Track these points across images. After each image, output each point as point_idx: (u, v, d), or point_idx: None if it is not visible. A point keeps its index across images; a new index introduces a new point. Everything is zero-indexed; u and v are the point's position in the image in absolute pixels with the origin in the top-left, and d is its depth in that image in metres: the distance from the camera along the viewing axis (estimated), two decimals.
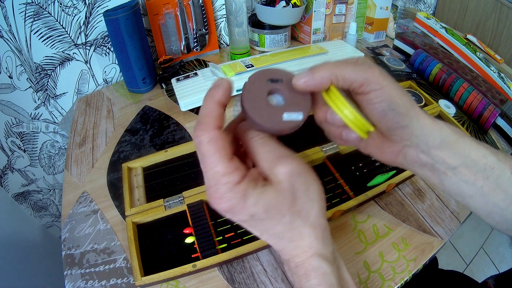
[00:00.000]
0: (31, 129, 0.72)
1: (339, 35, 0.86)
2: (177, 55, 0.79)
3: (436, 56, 0.70)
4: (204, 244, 0.40)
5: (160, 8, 0.71)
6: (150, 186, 0.49)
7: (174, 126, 0.61)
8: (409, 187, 0.49)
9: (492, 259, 1.29)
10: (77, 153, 0.57)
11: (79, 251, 0.42)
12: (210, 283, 0.38)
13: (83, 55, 0.70)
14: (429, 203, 0.47)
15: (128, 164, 0.51)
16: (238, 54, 0.77)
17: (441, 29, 0.79)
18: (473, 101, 0.61)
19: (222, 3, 0.80)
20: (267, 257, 0.41)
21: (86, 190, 0.50)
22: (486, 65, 0.70)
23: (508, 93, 0.65)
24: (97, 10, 0.66)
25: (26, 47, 0.62)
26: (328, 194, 0.46)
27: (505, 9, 1.02)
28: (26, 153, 0.75)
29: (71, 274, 0.40)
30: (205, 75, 0.66)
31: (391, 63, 0.71)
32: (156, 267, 0.38)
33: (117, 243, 0.43)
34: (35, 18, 0.61)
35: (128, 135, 0.59)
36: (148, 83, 0.70)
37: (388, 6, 0.84)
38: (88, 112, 0.67)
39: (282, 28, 0.80)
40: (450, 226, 0.44)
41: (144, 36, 0.67)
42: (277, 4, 0.76)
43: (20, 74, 0.64)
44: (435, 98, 0.65)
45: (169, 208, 0.44)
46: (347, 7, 0.82)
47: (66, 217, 0.46)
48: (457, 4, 1.18)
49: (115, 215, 0.46)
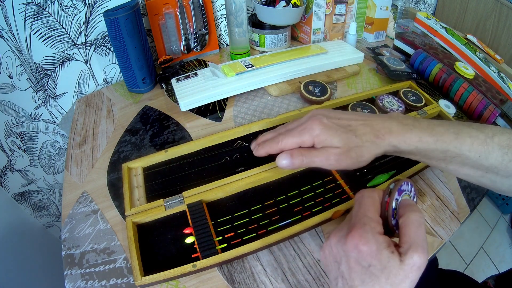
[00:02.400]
0: (31, 129, 0.72)
1: (339, 35, 0.86)
2: (177, 55, 0.79)
3: (436, 56, 0.70)
4: (204, 244, 0.40)
5: (160, 8, 0.71)
6: (150, 186, 0.49)
7: (174, 126, 0.61)
8: None
9: (492, 259, 1.30)
10: (77, 153, 0.57)
11: (79, 251, 0.42)
12: (210, 283, 0.38)
13: (83, 55, 0.70)
14: (429, 203, 0.47)
15: (128, 164, 0.51)
16: (238, 54, 0.77)
17: (441, 29, 0.79)
18: (473, 101, 0.61)
19: (222, 3, 0.80)
20: (267, 257, 0.41)
21: (86, 190, 0.50)
22: (486, 65, 0.70)
23: (508, 93, 0.65)
24: (97, 10, 0.66)
25: (26, 47, 0.62)
26: (328, 194, 0.46)
27: (505, 9, 1.02)
28: (26, 153, 0.75)
29: (71, 274, 0.40)
30: (205, 75, 0.66)
31: (391, 63, 0.71)
32: (156, 267, 0.38)
33: (117, 243, 0.43)
34: (35, 18, 0.61)
35: (128, 135, 0.59)
36: (148, 83, 0.70)
37: (388, 6, 0.84)
38: (88, 112, 0.67)
39: (282, 28, 0.80)
40: (450, 226, 0.44)
41: (144, 36, 0.67)
42: (277, 4, 0.76)
43: (20, 74, 0.64)
44: (435, 98, 0.65)
45: (169, 208, 0.44)
46: (347, 7, 0.82)
47: (66, 217, 0.46)
48: (457, 4, 1.18)
49: (115, 215, 0.46)
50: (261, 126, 0.57)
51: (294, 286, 0.38)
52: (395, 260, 0.27)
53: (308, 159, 0.37)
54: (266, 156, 0.42)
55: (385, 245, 0.28)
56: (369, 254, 0.28)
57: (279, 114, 0.59)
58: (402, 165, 0.49)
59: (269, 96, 0.67)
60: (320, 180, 0.48)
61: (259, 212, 0.44)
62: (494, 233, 1.39)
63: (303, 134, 0.37)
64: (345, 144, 0.36)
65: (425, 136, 0.35)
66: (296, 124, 0.40)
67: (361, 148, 0.36)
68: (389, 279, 0.27)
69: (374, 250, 0.27)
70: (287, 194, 0.46)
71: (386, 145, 0.36)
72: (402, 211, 0.31)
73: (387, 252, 0.27)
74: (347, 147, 0.36)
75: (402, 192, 0.33)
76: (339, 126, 0.37)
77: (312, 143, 0.37)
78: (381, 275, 0.27)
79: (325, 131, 0.36)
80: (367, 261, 0.28)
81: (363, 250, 0.28)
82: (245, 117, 0.62)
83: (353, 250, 0.28)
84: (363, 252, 0.28)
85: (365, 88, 0.69)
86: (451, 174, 0.50)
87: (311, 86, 0.65)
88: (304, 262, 0.40)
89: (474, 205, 0.47)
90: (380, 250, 0.27)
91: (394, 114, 0.39)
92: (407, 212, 0.30)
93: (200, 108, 0.64)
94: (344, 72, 0.72)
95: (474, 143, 0.35)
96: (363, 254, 0.28)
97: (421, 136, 0.35)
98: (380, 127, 0.36)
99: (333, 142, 0.36)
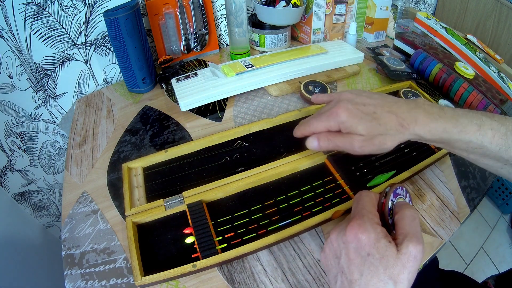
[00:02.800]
0: (31, 129, 0.72)
1: (339, 35, 0.86)
2: (177, 55, 0.79)
3: (436, 56, 0.70)
4: (204, 244, 0.40)
5: (160, 8, 0.71)
6: (150, 186, 0.49)
7: (174, 126, 0.61)
8: (409, 187, 0.49)
9: (492, 259, 1.30)
10: (77, 153, 0.57)
11: (79, 251, 0.42)
12: (210, 283, 0.38)
13: (83, 55, 0.70)
14: (429, 203, 0.47)
15: (128, 164, 0.51)
16: (238, 54, 0.77)
17: (441, 29, 0.79)
18: (473, 101, 0.61)
19: (222, 3, 0.80)
20: (267, 257, 0.41)
21: (86, 190, 0.50)
22: (486, 65, 0.70)
23: (508, 93, 0.65)
24: (97, 10, 0.66)
25: (26, 47, 0.62)
26: (328, 194, 0.46)
27: (505, 9, 1.02)
28: (26, 153, 0.75)
29: (71, 274, 0.40)
30: (205, 75, 0.66)
31: (391, 63, 0.71)
32: (156, 267, 0.38)
33: (117, 243, 0.43)
34: (35, 18, 0.61)
35: (128, 135, 0.59)
36: (148, 83, 0.70)
37: (388, 6, 0.84)
38: (88, 112, 0.67)
39: (282, 28, 0.80)
40: (450, 226, 0.44)
41: (144, 36, 0.67)
42: (277, 4, 0.76)
43: (20, 74, 0.64)
44: (435, 98, 0.65)
45: (169, 208, 0.44)
46: (347, 7, 0.82)
47: (66, 217, 0.46)
48: (457, 4, 1.19)
49: (115, 215, 0.46)
50: (261, 126, 0.57)
51: (294, 286, 0.38)
52: (392, 249, 0.28)
53: (333, 144, 0.39)
54: (261, 158, 0.42)
55: (383, 234, 0.29)
56: (367, 242, 0.28)
57: (279, 114, 0.59)
58: (402, 165, 0.50)
59: (269, 96, 0.67)
60: (320, 180, 0.48)
61: (259, 212, 0.44)
62: (494, 233, 1.39)
63: (330, 120, 0.39)
64: (369, 132, 0.36)
65: (449, 126, 0.36)
66: (327, 108, 0.41)
67: (385, 136, 0.36)
68: (387, 269, 0.27)
69: (372, 238, 0.28)
70: (287, 194, 0.46)
71: (410, 134, 0.37)
72: (397, 209, 0.32)
73: (385, 241, 0.28)
74: (371, 135, 0.36)
75: (397, 195, 0.34)
76: (364, 113, 0.38)
77: (338, 128, 0.39)
78: (379, 265, 0.27)
79: (350, 118, 0.37)
80: (365, 250, 0.28)
81: (362, 239, 0.29)
82: (245, 117, 0.62)
83: (353, 240, 0.29)
84: (362, 241, 0.29)
85: (365, 88, 0.69)
86: (452, 174, 0.51)
87: (311, 86, 0.65)
88: (304, 262, 0.40)
89: (474, 205, 0.47)
90: (378, 239, 0.28)
91: (420, 101, 0.39)
92: (401, 210, 0.32)
93: (200, 108, 0.64)
94: (344, 72, 0.72)
95: (495, 136, 0.35)
96: (362, 243, 0.29)
97: (446, 126, 0.36)
98: (406, 116, 0.37)
99: (357, 130, 0.37)
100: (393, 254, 0.28)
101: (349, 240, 0.29)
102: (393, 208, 0.33)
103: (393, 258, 0.27)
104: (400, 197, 0.35)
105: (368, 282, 0.27)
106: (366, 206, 0.32)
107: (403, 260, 0.27)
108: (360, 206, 0.32)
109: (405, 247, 0.28)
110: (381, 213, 0.33)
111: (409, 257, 0.27)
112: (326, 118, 0.40)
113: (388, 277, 0.27)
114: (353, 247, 0.29)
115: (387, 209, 0.33)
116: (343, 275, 0.29)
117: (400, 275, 0.27)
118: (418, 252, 0.28)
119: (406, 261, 0.27)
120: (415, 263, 0.28)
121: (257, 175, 0.47)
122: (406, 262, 0.27)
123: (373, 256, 0.28)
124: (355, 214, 0.31)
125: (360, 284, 0.28)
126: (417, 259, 0.28)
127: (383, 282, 0.27)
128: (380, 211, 0.33)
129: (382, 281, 0.27)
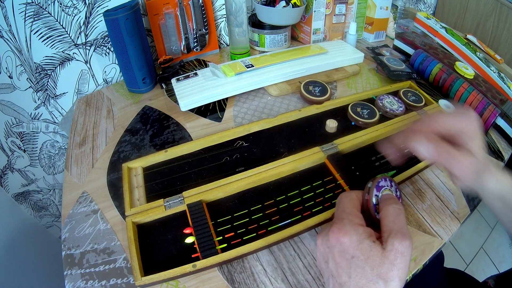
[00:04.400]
0: (31, 129, 0.72)
1: (339, 35, 0.86)
2: (177, 55, 0.79)
3: (436, 56, 0.70)
4: (204, 244, 0.40)
5: (160, 8, 0.71)
6: (150, 186, 0.49)
7: (174, 126, 0.61)
8: (409, 187, 0.49)
9: (492, 259, 1.29)
10: (77, 153, 0.57)
11: (79, 251, 0.42)
12: (210, 283, 0.38)
13: (83, 55, 0.70)
14: (429, 203, 0.47)
15: (128, 164, 0.51)
16: (238, 54, 0.77)
17: (441, 29, 0.79)
18: (473, 101, 0.61)
19: (222, 3, 0.80)
20: (267, 257, 0.41)
21: (86, 190, 0.50)
22: (486, 65, 0.70)
23: (508, 93, 0.65)
24: (97, 10, 0.66)
25: (26, 47, 0.62)
26: (328, 194, 0.46)
27: (505, 9, 1.03)
28: (26, 153, 0.75)
29: (71, 274, 0.40)
30: (205, 75, 0.66)
31: (391, 63, 0.71)
32: (156, 267, 0.38)
33: (117, 243, 0.43)
34: (35, 18, 0.61)
35: (128, 135, 0.59)
36: (148, 83, 0.70)
37: (388, 6, 0.84)
38: (88, 112, 0.67)
39: (282, 28, 0.80)
40: (450, 226, 0.44)
41: (144, 36, 0.67)
42: (277, 4, 0.76)
43: (20, 74, 0.64)
44: (435, 98, 0.65)
45: (169, 208, 0.44)
46: (347, 7, 0.82)
47: (66, 217, 0.46)
48: (457, 4, 1.19)
49: (115, 215, 0.46)
50: (261, 126, 0.57)
51: (294, 286, 0.38)
52: (377, 249, 0.28)
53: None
54: (261, 158, 0.41)
55: (366, 235, 0.29)
56: (350, 245, 0.28)
57: (279, 114, 0.59)
58: (402, 165, 0.49)
59: (269, 96, 0.67)
60: (320, 180, 0.48)
61: (259, 212, 0.44)
62: (494, 233, 1.39)
63: None
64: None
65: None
66: None
67: None
68: (374, 269, 0.27)
69: (354, 241, 0.28)
70: (287, 194, 0.46)
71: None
72: (381, 205, 0.32)
73: (368, 241, 0.28)
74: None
75: (381, 188, 0.34)
76: None
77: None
78: (365, 266, 0.27)
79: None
80: (349, 253, 0.28)
81: (344, 242, 0.29)
82: (245, 117, 0.62)
83: (336, 244, 0.29)
84: (344, 244, 0.29)
85: (365, 88, 0.69)
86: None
87: (311, 86, 0.65)
88: (304, 262, 0.40)
89: (474, 205, 0.47)
90: (360, 240, 0.28)
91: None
92: (385, 206, 0.32)
93: (200, 108, 0.64)
94: (344, 72, 0.72)
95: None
96: (345, 246, 0.29)
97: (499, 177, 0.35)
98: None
99: None
100: (378, 253, 0.28)
101: (332, 244, 0.29)
102: (378, 203, 0.33)
103: (379, 257, 0.27)
104: (385, 188, 0.35)
105: (357, 283, 0.27)
106: (346, 208, 0.32)
107: (390, 257, 0.27)
108: (340, 209, 0.32)
109: (390, 244, 0.28)
110: (367, 209, 0.33)
111: (396, 254, 0.27)
112: None
113: (376, 276, 0.27)
114: (338, 251, 0.29)
115: (372, 205, 0.33)
116: (333, 278, 0.30)
117: (389, 272, 0.27)
118: (405, 248, 0.28)
119: (393, 258, 0.27)
120: (403, 259, 0.27)
121: (257, 175, 0.47)
122: (394, 259, 0.27)
123: (357, 258, 0.28)
124: (336, 217, 0.32)
125: (350, 286, 0.28)
126: (405, 254, 0.28)
127: (373, 282, 0.27)
128: (366, 208, 0.33)
129: (371, 281, 0.27)
